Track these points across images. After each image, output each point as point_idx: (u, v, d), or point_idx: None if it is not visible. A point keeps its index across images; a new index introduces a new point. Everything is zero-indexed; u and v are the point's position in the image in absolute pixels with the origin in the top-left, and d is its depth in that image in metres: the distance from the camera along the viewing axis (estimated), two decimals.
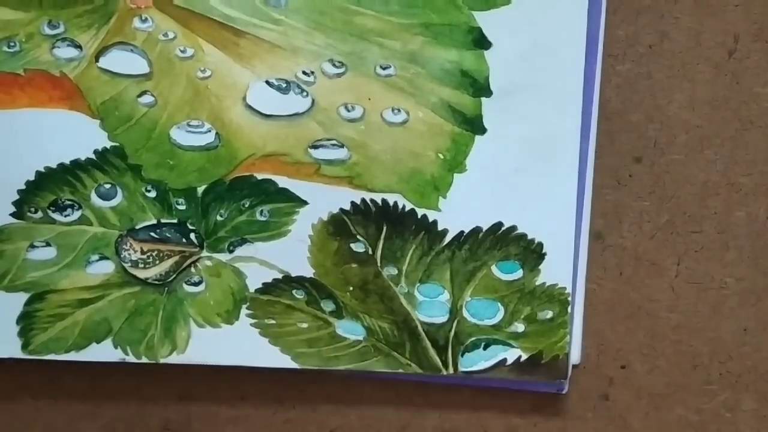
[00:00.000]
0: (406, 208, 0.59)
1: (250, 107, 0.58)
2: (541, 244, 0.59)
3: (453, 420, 0.65)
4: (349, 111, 0.58)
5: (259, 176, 0.59)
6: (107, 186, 0.59)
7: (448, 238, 0.59)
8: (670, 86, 0.61)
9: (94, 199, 0.60)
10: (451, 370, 0.61)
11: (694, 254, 0.62)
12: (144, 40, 0.57)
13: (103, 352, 0.61)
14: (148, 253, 0.60)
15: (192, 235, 0.60)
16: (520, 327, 0.60)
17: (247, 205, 0.59)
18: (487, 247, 0.59)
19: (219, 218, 0.59)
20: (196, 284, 0.61)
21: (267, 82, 0.58)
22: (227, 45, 0.57)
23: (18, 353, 0.61)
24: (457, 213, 0.59)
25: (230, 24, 0.57)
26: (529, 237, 0.59)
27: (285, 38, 0.57)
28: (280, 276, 0.60)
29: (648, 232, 0.62)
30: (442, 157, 0.58)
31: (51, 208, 0.60)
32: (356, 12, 0.57)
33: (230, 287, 0.60)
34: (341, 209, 0.59)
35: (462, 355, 0.60)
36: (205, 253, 0.60)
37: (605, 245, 0.62)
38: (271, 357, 0.61)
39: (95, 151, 0.59)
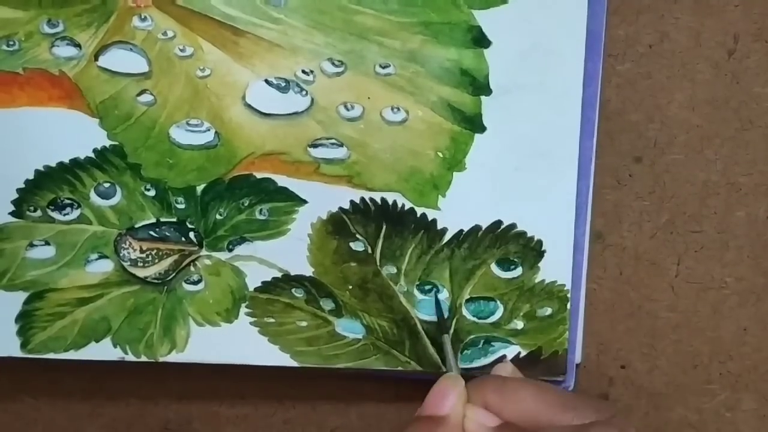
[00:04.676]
0: (406, 207, 0.59)
1: (249, 106, 0.58)
2: (540, 242, 0.59)
3: None
4: (348, 110, 0.58)
5: (259, 175, 0.59)
6: (106, 185, 0.59)
7: (447, 237, 0.59)
8: (670, 86, 0.61)
9: (94, 197, 0.60)
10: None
11: (694, 254, 0.62)
12: (143, 39, 0.57)
13: (103, 350, 0.61)
14: (148, 252, 0.60)
15: (191, 234, 0.60)
16: (519, 324, 0.60)
17: (246, 204, 0.59)
18: (487, 245, 0.59)
19: (218, 217, 0.60)
20: (195, 283, 0.61)
21: (266, 81, 0.58)
22: (227, 44, 0.57)
23: (17, 352, 0.61)
24: (456, 211, 0.59)
25: (230, 23, 0.57)
26: (529, 235, 0.59)
27: (284, 37, 0.57)
28: (279, 275, 0.60)
29: (648, 232, 0.62)
30: (441, 155, 0.58)
31: (50, 207, 0.60)
32: (356, 11, 0.57)
33: (229, 286, 0.60)
34: (340, 208, 0.59)
35: (461, 353, 0.60)
36: (204, 252, 0.60)
37: (605, 245, 0.62)
38: (271, 355, 0.61)
39: (94, 150, 0.59)
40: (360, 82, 0.57)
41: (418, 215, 0.59)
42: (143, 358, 0.62)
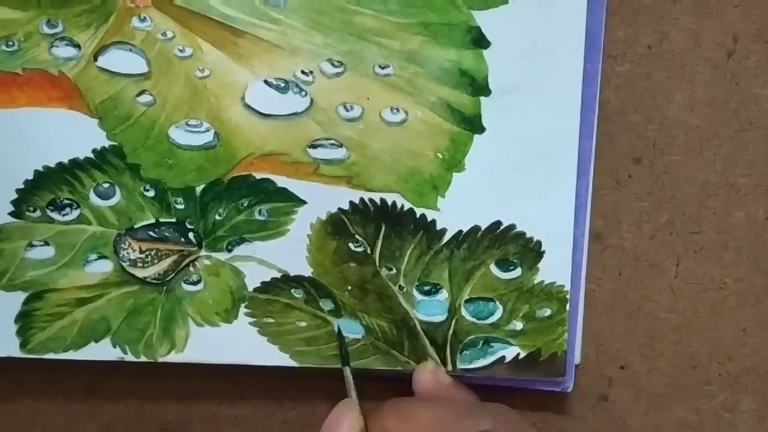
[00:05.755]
0: (405, 208, 0.59)
1: (248, 107, 0.58)
2: (539, 243, 0.59)
3: None
4: (347, 110, 0.58)
5: (258, 176, 0.59)
6: (106, 185, 0.59)
7: (446, 237, 0.59)
8: (670, 87, 0.61)
9: (93, 198, 0.60)
10: (449, 368, 0.60)
11: (693, 255, 0.62)
12: (143, 40, 0.57)
13: (102, 351, 0.61)
14: (147, 252, 0.60)
15: (191, 235, 0.60)
16: (518, 325, 0.60)
17: (245, 205, 0.59)
18: (486, 246, 0.59)
19: (217, 217, 0.60)
20: (194, 283, 0.61)
21: (266, 82, 0.58)
22: (226, 44, 0.57)
23: (16, 352, 0.61)
24: (455, 212, 0.59)
25: (229, 23, 0.57)
26: (528, 235, 0.59)
27: (284, 38, 0.57)
28: (278, 275, 0.60)
29: (647, 233, 0.62)
30: (440, 156, 0.58)
31: (49, 207, 0.60)
32: (355, 11, 0.57)
33: (229, 286, 0.60)
34: (340, 209, 0.59)
35: (460, 353, 0.60)
36: (203, 253, 0.60)
37: (604, 246, 0.62)
38: (270, 356, 0.61)
39: (94, 151, 0.59)
40: (359, 83, 0.57)
41: (418, 216, 0.59)
42: (143, 359, 0.61)
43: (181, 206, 0.59)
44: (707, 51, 0.60)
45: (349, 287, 0.60)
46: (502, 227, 0.59)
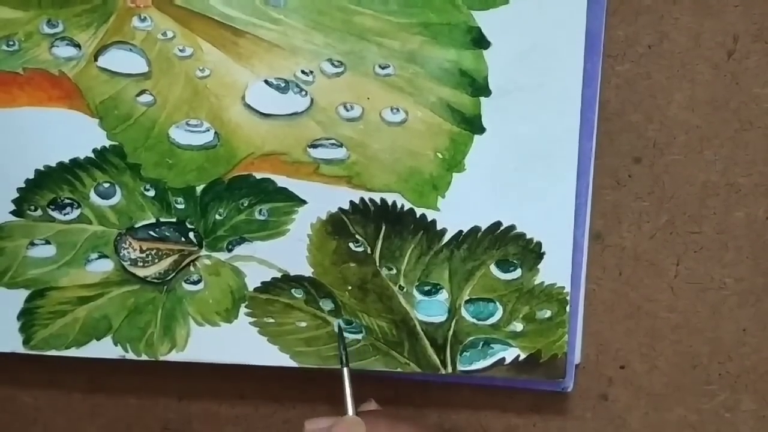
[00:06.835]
0: (405, 208, 0.59)
1: (249, 106, 0.58)
2: (539, 244, 0.59)
3: (452, 419, 0.65)
4: (348, 110, 0.58)
5: (258, 175, 0.59)
6: (106, 185, 0.60)
7: (446, 238, 0.59)
8: (670, 87, 0.61)
9: (93, 197, 0.60)
10: (449, 369, 0.61)
11: (693, 254, 0.62)
12: (143, 40, 0.57)
13: (104, 349, 0.62)
14: (147, 252, 0.60)
15: (191, 234, 0.60)
16: (518, 326, 0.60)
17: (245, 205, 0.59)
18: (486, 246, 0.59)
19: (218, 217, 0.60)
20: (195, 283, 0.61)
21: (266, 82, 0.58)
22: (226, 44, 0.57)
23: (20, 348, 0.62)
24: (455, 212, 0.59)
25: (229, 23, 0.57)
26: (528, 236, 0.59)
27: (284, 38, 0.57)
28: (279, 275, 0.60)
29: (647, 233, 0.62)
30: (441, 156, 0.58)
31: (50, 206, 0.60)
32: (355, 11, 0.57)
33: (229, 286, 0.61)
34: (340, 208, 0.59)
35: (460, 354, 0.60)
36: (204, 252, 0.60)
37: (605, 245, 0.62)
38: (270, 355, 0.61)
39: (94, 150, 0.59)
40: (359, 83, 0.57)
41: (418, 216, 0.59)
42: (144, 357, 0.62)
43: (181, 206, 0.60)
44: (707, 51, 0.60)
45: (350, 287, 0.60)
46: (502, 228, 0.59)
